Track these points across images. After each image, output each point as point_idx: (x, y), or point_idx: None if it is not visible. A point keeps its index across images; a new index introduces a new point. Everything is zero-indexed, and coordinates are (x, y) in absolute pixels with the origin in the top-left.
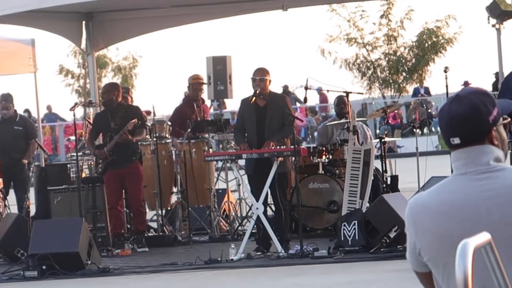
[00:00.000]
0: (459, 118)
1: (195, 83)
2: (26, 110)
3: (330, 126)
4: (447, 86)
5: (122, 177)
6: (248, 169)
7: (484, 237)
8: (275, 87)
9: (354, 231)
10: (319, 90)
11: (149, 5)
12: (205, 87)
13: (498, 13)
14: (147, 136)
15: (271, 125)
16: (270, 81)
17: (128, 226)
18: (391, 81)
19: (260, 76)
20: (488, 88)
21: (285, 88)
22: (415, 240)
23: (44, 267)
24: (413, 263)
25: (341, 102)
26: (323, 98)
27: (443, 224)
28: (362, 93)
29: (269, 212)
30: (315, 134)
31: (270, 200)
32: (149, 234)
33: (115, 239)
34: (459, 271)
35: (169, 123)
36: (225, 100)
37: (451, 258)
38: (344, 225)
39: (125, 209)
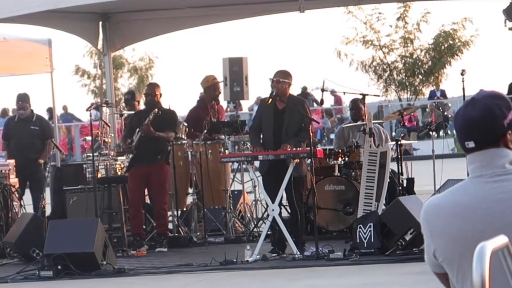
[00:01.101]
0: (474, 122)
1: (215, 83)
2: (49, 109)
3: (347, 128)
4: (463, 89)
5: (146, 175)
6: (262, 169)
7: (501, 240)
8: (293, 88)
9: (369, 233)
10: (333, 92)
11: (165, 6)
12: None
13: None
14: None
15: (288, 128)
16: (290, 84)
17: (143, 226)
18: (407, 83)
19: (278, 78)
20: (504, 91)
21: (304, 89)
22: (430, 241)
23: (59, 267)
24: (430, 264)
25: (355, 107)
26: (337, 100)
27: (457, 226)
28: (378, 95)
29: (284, 214)
30: (331, 136)
31: (284, 201)
32: None
33: (132, 238)
34: (476, 274)
35: (185, 124)
36: (241, 101)
37: (465, 259)
38: (360, 227)
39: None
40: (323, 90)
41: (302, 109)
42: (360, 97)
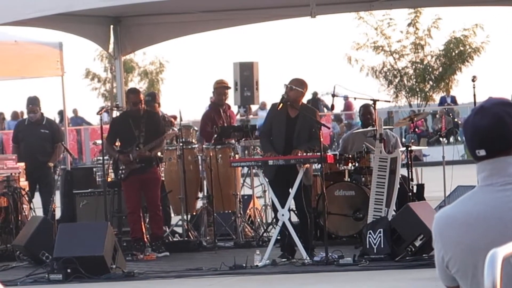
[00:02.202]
0: (484, 130)
1: (219, 88)
2: (60, 112)
3: (354, 135)
4: (474, 95)
5: (141, 182)
6: (269, 175)
7: None
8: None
9: (379, 239)
10: (345, 98)
11: (177, 10)
12: (230, 92)
13: None
14: (174, 142)
15: (299, 137)
16: (303, 94)
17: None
18: (417, 89)
19: (291, 85)
20: None
21: (315, 94)
22: (442, 253)
23: (69, 270)
24: (443, 278)
25: (366, 112)
26: (347, 105)
27: (469, 235)
28: (389, 101)
29: (294, 219)
30: (340, 141)
31: (293, 206)
32: (174, 239)
33: (134, 244)
34: (488, 280)
35: (196, 128)
36: (251, 106)
37: (478, 269)
38: (370, 233)
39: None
40: (334, 95)
41: (314, 118)
42: (370, 102)
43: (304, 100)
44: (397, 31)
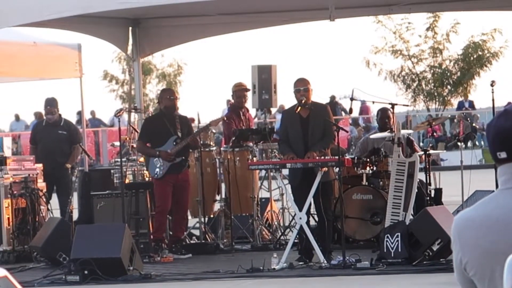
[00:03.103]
0: (506, 132)
1: (238, 90)
2: (79, 113)
3: (371, 140)
4: (493, 100)
5: (175, 182)
6: (294, 180)
7: None
8: (322, 97)
9: (397, 243)
10: (363, 102)
11: (196, 12)
12: (249, 95)
13: None
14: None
15: (313, 135)
16: (312, 90)
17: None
18: (435, 94)
19: (304, 86)
20: None
21: (332, 98)
22: (461, 255)
23: (86, 272)
24: (460, 280)
25: (384, 116)
26: (364, 109)
27: (488, 238)
28: (407, 105)
29: (312, 222)
30: (358, 145)
31: (312, 210)
32: (191, 242)
33: (153, 243)
34: (507, 284)
35: (214, 131)
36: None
37: (495, 272)
38: (387, 237)
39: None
40: (352, 99)
41: (325, 114)
42: (389, 106)
43: (324, 102)
44: (416, 35)
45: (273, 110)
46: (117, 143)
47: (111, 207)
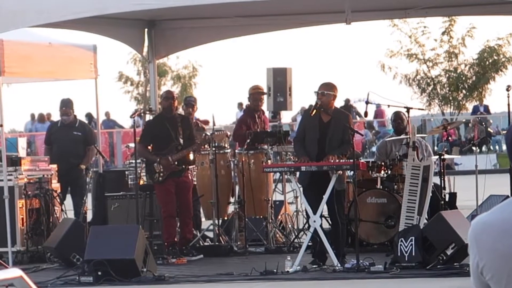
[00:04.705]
0: None
1: (255, 93)
2: (88, 114)
3: (390, 142)
4: (509, 104)
5: (177, 185)
6: (303, 181)
7: None
8: (337, 100)
9: (411, 247)
10: (378, 106)
11: (211, 14)
12: (264, 98)
13: None
14: (206, 146)
15: (332, 141)
16: (335, 97)
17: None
18: (450, 98)
19: (323, 90)
20: None
21: (347, 101)
22: (477, 259)
23: (99, 273)
24: (477, 285)
25: (398, 118)
26: (379, 113)
27: (505, 242)
28: (423, 109)
29: (325, 225)
30: (373, 149)
31: (325, 212)
32: (205, 244)
33: (169, 248)
34: None
35: (228, 133)
36: (283, 111)
37: None
38: (401, 241)
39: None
40: (367, 102)
41: (346, 123)
42: (404, 110)
43: (337, 105)
44: (431, 39)
45: (292, 112)
46: (132, 145)
47: (125, 209)
